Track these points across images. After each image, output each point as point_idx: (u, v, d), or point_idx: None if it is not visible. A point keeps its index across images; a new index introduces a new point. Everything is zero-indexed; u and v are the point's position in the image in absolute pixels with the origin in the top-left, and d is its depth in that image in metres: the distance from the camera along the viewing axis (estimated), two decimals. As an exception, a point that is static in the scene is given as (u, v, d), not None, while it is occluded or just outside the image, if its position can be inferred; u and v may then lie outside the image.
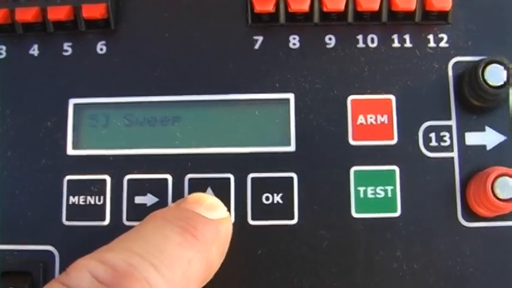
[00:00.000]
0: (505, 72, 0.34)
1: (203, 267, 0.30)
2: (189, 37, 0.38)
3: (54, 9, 0.38)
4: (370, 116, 0.37)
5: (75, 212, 0.37)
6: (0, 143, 0.38)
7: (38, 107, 0.38)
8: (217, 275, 0.33)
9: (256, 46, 0.38)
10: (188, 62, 0.38)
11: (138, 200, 0.37)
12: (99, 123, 0.38)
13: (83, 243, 0.35)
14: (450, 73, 0.37)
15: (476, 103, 0.36)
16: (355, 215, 0.36)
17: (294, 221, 0.36)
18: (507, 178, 0.33)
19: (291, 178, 0.36)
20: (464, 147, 0.36)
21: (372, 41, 0.38)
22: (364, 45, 0.38)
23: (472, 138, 0.36)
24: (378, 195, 0.36)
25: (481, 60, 0.35)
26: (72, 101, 0.38)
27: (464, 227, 0.36)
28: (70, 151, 0.37)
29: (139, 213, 0.36)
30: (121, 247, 0.29)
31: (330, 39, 0.38)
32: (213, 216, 0.32)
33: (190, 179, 0.36)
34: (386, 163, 0.36)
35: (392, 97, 0.37)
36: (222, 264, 0.33)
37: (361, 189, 0.36)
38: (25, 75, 0.38)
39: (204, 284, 0.32)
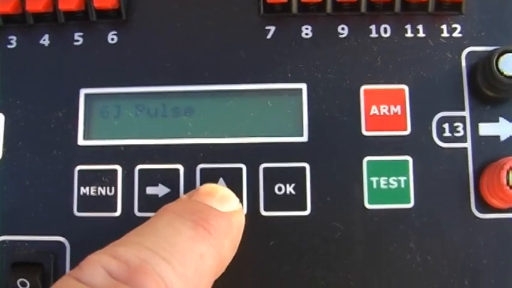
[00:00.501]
0: (519, 62, 0.34)
1: (216, 262, 0.30)
2: (201, 27, 0.38)
3: (65, -1, 0.37)
4: (383, 107, 0.36)
5: (86, 202, 0.36)
6: (11, 134, 0.37)
7: (49, 98, 0.38)
8: (229, 266, 0.33)
9: (269, 36, 0.38)
10: (200, 52, 0.38)
11: (150, 190, 0.36)
12: (111, 113, 0.37)
13: (94, 234, 0.35)
14: (463, 63, 0.37)
15: (490, 93, 0.36)
16: (368, 206, 0.36)
17: (307, 212, 0.36)
18: (521, 169, 0.33)
19: (304, 168, 0.36)
20: (477, 137, 0.36)
21: (385, 31, 0.37)
22: (377, 35, 0.37)
23: (486, 129, 0.36)
24: (391, 186, 0.36)
25: (495, 50, 0.35)
26: (83, 91, 0.38)
27: (478, 218, 0.35)
28: (81, 141, 0.37)
29: (150, 204, 0.36)
30: (132, 242, 0.28)
31: (342, 29, 0.37)
32: (226, 208, 0.32)
33: (202, 169, 0.36)
34: (399, 153, 0.36)
35: (405, 87, 0.37)
36: (234, 255, 0.33)
37: (374, 179, 0.36)
38: (36, 65, 0.38)
39: (216, 277, 0.31)
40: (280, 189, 0.36)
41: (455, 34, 0.37)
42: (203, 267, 0.29)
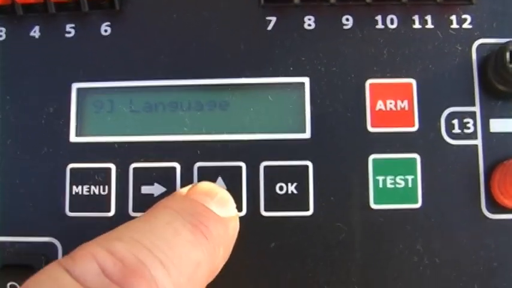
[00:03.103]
0: (533, 56, 0.33)
1: (209, 270, 0.29)
2: (198, 18, 0.36)
3: (55, -12, 0.36)
4: (390, 102, 0.35)
5: (78, 202, 0.35)
6: (0, 131, 0.36)
7: (39, 92, 0.36)
8: (228, 269, 0.31)
9: (270, 27, 0.36)
10: (197, 44, 0.36)
11: (145, 189, 0.35)
12: (104, 108, 0.36)
13: (86, 235, 0.33)
14: (474, 56, 0.35)
15: (502, 88, 0.34)
16: (373, 206, 0.34)
17: (309, 213, 0.34)
18: (536, 167, 0.32)
19: (306, 167, 0.35)
20: (488, 134, 0.35)
21: (392, 21, 0.36)
22: (383, 26, 0.36)
23: (497, 125, 0.35)
24: (397, 185, 0.34)
25: (507, 42, 0.33)
26: (75, 86, 0.36)
27: (489, 219, 0.34)
28: (73, 138, 0.36)
29: (146, 203, 0.34)
30: (130, 237, 0.27)
31: (347, 19, 0.36)
32: (223, 213, 0.31)
33: (199, 168, 0.35)
34: (406, 151, 0.35)
35: (412, 81, 0.35)
36: (234, 256, 0.32)
37: (380, 178, 0.34)
38: (26, 58, 0.37)
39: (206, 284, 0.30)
40: (281, 188, 0.34)
41: (466, 25, 0.36)
42: (197, 276, 0.28)
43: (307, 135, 0.35)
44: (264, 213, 0.35)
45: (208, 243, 0.29)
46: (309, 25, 0.36)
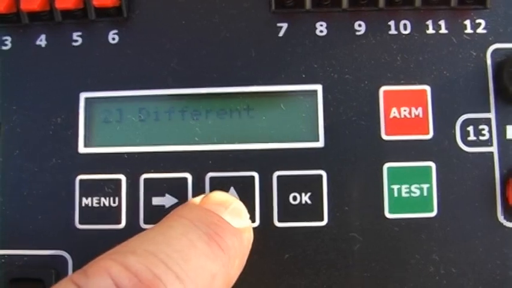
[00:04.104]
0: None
1: (224, 282, 0.29)
2: (208, 24, 0.36)
3: (62, -4, 0.35)
4: (404, 109, 0.34)
5: (88, 214, 0.35)
6: (7, 142, 0.35)
7: (47, 102, 0.36)
8: (241, 280, 0.31)
9: (281, 34, 0.36)
10: (207, 51, 0.35)
11: (156, 201, 0.34)
12: (113, 118, 0.35)
13: (97, 248, 0.33)
14: (489, 61, 0.35)
15: (518, 94, 0.34)
16: (388, 215, 0.34)
17: (323, 223, 0.34)
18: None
19: (320, 176, 0.34)
20: (504, 141, 0.34)
21: (405, 27, 0.35)
22: (396, 32, 0.35)
23: (513, 132, 0.34)
24: (412, 194, 0.34)
25: None
26: (83, 95, 0.36)
27: (505, 227, 0.34)
28: (82, 149, 0.35)
29: (157, 215, 0.33)
30: (145, 250, 0.26)
31: (359, 25, 0.35)
32: (238, 224, 0.30)
33: (211, 178, 0.34)
34: (421, 159, 0.34)
35: (427, 88, 0.35)
36: (247, 268, 0.31)
37: (395, 187, 0.34)
38: (32, 67, 0.36)
39: None
40: (295, 198, 0.34)
41: (480, 30, 0.35)
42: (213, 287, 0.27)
43: (320, 143, 0.34)
44: (278, 224, 0.34)
45: (224, 255, 0.28)
46: (321, 31, 0.35)
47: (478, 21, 0.35)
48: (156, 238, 0.28)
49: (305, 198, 0.34)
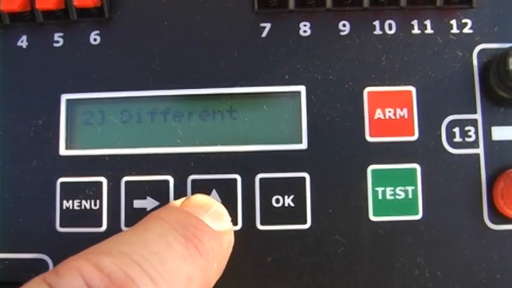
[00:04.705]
0: (536, 61, 0.32)
1: (201, 286, 0.28)
2: (190, 25, 0.36)
3: (42, -4, 0.35)
4: (389, 110, 0.34)
5: (69, 217, 0.34)
6: (-13, 144, 0.35)
7: (28, 104, 0.36)
8: (223, 283, 0.31)
9: (264, 34, 0.35)
10: (189, 52, 0.35)
11: (137, 204, 0.34)
12: (94, 120, 0.35)
13: (78, 251, 0.33)
14: (475, 62, 0.35)
15: (504, 94, 0.33)
16: (372, 218, 0.34)
17: (307, 226, 0.34)
18: (541, 177, 0.31)
19: (303, 178, 0.34)
20: (490, 142, 0.34)
21: (390, 27, 0.35)
22: (381, 32, 0.35)
23: (500, 133, 0.34)
24: (397, 197, 0.34)
25: (509, 47, 0.33)
26: (64, 97, 0.35)
27: (491, 229, 0.33)
28: (63, 151, 0.35)
29: (138, 218, 0.33)
30: (119, 251, 0.26)
31: (344, 25, 0.35)
32: (218, 226, 0.30)
33: (193, 181, 0.34)
34: (406, 161, 0.34)
35: (412, 89, 0.34)
36: (229, 271, 0.31)
37: (380, 189, 0.34)
38: (13, 69, 0.36)
39: None
40: (278, 201, 0.34)
41: (466, 30, 0.35)
42: None
43: (303, 145, 0.34)
44: (260, 227, 0.34)
45: (202, 258, 0.28)
46: (305, 31, 0.35)
47: (464, 21, 0.35)
48: (131, 239, 0.28)
49: (288, 200, 0.34)
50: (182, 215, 0.30)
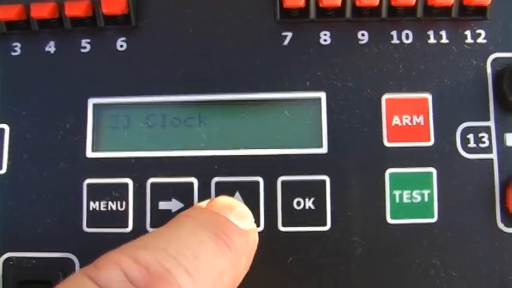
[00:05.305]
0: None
1: (232, 280, 0.29)
2: (214, 33, 0.36)
3: (71, 4, 0.36)
4: (406, 117, 0.35)
5: (95, 218, 0.35)
6: (16, 146, 0.36)
7: (55, 108, 0.36)
8: (246, 283, 0.31)
9: (285, 42, 0.36)
10: (213, 59, 0.36)
11: (163, 205, 0.35)
12: (120, 124, 0.36)
13: (104, 251, 0.33)
14: (489, 70, 0.35)
15: (517, 102, 0.34)
16: (390, 220, 0.34)
17: (327, 227, 0.34)
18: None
19: (323, 181, 0.35)
20: (504, 148, 0.35)
21: (407, 37, 0.36)
22: (398, 42, 0.36)
23: (512, 140, 0.35)
24: (414, 200, 0.34)
25: None
26: (91, 101, 0.36)
27: (504, 232, 0.34)
28: (90, 154, 0.36)
29: (163, 219, 0.33)
30: (156, 246, 0.27)
31: (362, 35, 0.36)
32: (243, 226, 0.31)
33: (217, 183, 0.35)
34: (422, 165, 0.35)
35: (428, 96, 0.35)
36: (251, 272, 0.32)
37: (397, 193, 0.34)
38: (41, 73, 0.37)
39: None
40: (299, 203, 0.34)
41: (480, 40, 0.36)
42: (221, 283, 0.28)
43: (324, 150, 0.35)
44: (282, 228, 0.35)
45: (231, 253, 0.29)
46: (325, 40, 0.36)
47: (478, 31, 0.36)
48: (165, 236, 0.28)
49: (309, 203, 0.34)
50: (210, 214, 0.31)
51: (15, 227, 0.35)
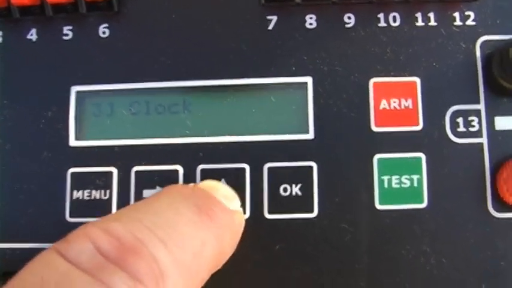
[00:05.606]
0: (539, 51, 0.32)
1: (215, 253, 0.28)
2: (198, 18, 0.36)
3: (52, -10, 0.35)
4: (394, 101, 0.34)
5: (79, 207, 0.35)
6: (-2, 135, 0.35)
7: (38, 96, 0.36)
8: (232, 271, 0.31)
9: (270, 26, 0.36)
10: (197, 44, 0.36)
11: (147, 193, 0.34)
12: (103, 112, 0.35)
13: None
14: (478, 53, 0.35)
15: (507, 85, 0.34)
16: (379, 206, 0.34)
17: (314, 214, 0.34)
18: (544, 165, 0.31)
19: (310, 168, 0.34)
20: (494, 132, 0.34)
21: (394, 19, 0.35)
22: (385, 24, 0.35)
23: (502, 123, 0.34)
24: (403, 185, 0.34)
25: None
26: (74, 89, 0.36)
27: (495, 217, 0.34)
28: (73, 142, 0.35)
29: (147, 207, 0.33)
30: (129, 217, 0.26)
31: (349, 18, 0.35)
32: (229, 206, 0.30)
33: (202, 170, 0.34)
34: (411, 150, 0.34)
35: (416, 80, 0.35)
36: (237, 259, 0.31)
37: (385, 178, 0.34)
38: (23, 61, 0.36)
39: (213, 272, 0.29)
40: (285, 190, 0.34)
41: (469, 22, 0.35)
42: (203, 255, 0.27)
43: (310, 135, 0.34)
44: (268, 216, 0.34)
45: (215, 226, 0.28)
46: (311, 24, 0.36)
47: (467, 13, 0.35)
48: (141, 208, 0.28)
49: (295, 189, 0.34)
50: (194, 189, 0.30)
51: (-2, 217, 0.35)
